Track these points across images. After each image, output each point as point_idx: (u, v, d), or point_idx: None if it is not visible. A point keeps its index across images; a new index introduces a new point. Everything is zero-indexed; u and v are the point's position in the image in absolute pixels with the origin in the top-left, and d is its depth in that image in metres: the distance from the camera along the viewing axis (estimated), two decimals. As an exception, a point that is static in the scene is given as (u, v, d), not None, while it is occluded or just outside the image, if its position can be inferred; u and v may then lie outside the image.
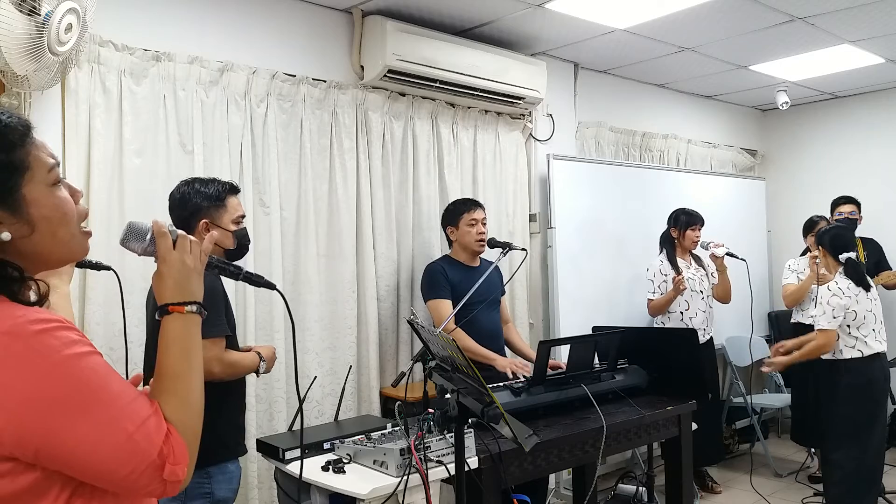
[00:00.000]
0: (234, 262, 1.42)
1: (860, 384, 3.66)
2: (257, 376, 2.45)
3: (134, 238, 1.21)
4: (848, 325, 3.64)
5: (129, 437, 0.99)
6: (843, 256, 3.70)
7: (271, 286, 1.46)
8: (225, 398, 2.31)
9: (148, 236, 1.21)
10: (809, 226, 4.84)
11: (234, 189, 2.46)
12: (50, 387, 0.95)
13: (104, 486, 1.01)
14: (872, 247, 5.18)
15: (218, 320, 2.24)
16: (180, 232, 1.22)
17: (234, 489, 2.36)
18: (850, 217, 4.99)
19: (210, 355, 2.17)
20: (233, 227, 2.41)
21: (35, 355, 0.95)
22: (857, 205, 5.10)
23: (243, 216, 2.48)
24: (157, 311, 1.17)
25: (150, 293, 2.39)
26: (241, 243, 2.46)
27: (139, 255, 1.24)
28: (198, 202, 2.36)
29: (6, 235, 1.00)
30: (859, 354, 3.65)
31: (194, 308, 1.17)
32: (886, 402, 3.76)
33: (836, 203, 5.14)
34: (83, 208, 1.13)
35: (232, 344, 2.37)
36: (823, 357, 3.72)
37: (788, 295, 4.76)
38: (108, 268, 1.79)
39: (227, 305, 2.38)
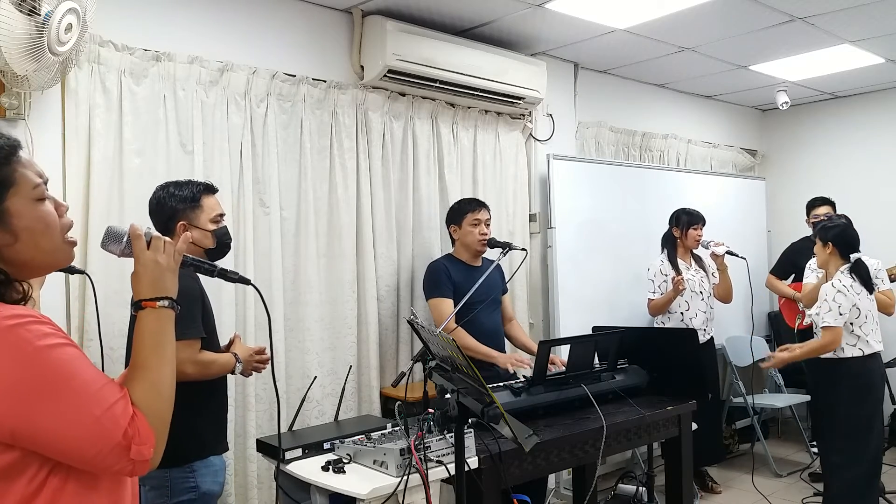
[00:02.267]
0: (210, 261, 1.47)
1: (861, 384, 3.64)
2: (234, 374, 2.45)
3: (111, 241, 1.30)
4: (851, 323, 3.61)
5: (95, 420, 1.08)
6: (853, 256, 3.68)
7: (246, 281, 1.53)
8: (206, 398, 2.34)
9: (125, 239, 1.29)
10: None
11: (209, 189, 2.47)
12: (23, 374, 1.04)
13: (77, 465, 1.10)
14: None
15: (192, 323, 2.25)
16: (155, 233, 1.29)
17: (219, 482, 2.38)
18: (825, 217, 4.94)
19: (183, 356, 2.19)
20: (211, 227, 2.42)
21: (9, 346, 1.04)
22: (833, 205, 5.04)
23: (222, 214, 2.48)
24: (132, 307, 1.26)
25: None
26: (222, 241, 2.46)
27: (118, 256, 1.32)
28: (173, 205, 2.38)
29: None
30: (860, 353, 3.62)
31: (166, 303, 1.25)
32: (882, 403, 3.75)
33: (813, 205, 5.02)
34: (68, 220, 1.22)
35: (210, 345, 2.38)
36: (823, 356, 3.68)
37: (806, 294, 4.64)
38: (81, 272, 1.87)
39: (206, 308, 2.39)
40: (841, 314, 3.57)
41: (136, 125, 3.00)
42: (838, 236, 3.72)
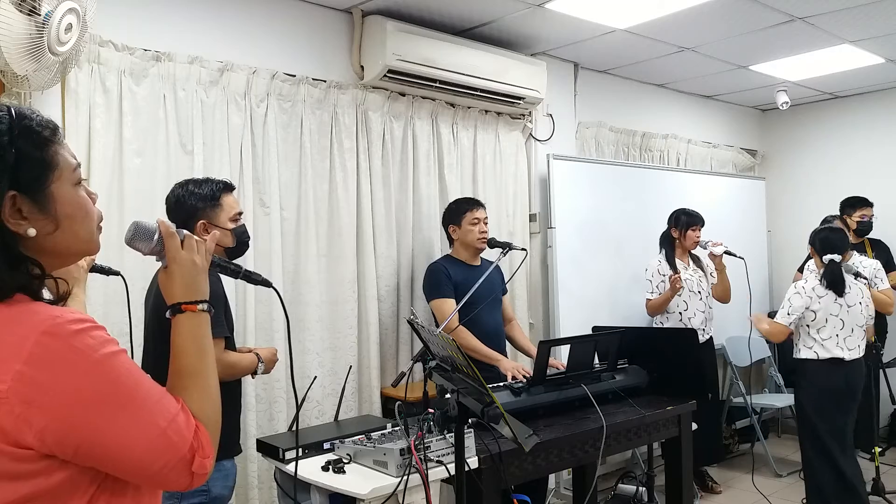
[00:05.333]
0: (234, 261, 1.45)
1: (818, 387, 3.68)
2: (253, 377, 2.44)
3: (141, 238, 1.23)
4: (807, 325, 3.70)
5: (161, 432, 1.02)
6: (826, 257, 3.71)
7: (268, 284, 1.49)
8: (223, 399, 2.32)
9: (156, 236, 1.22)
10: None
11: (228, 187, 2.46)
12: (90, 385, 0.97)
13: (137, 481, 1.04)
14: (880, 248, 5.16)
15: (218, 321, 2.24)
16: (186, 232, 1.24)
17: (229, 486, 2.37)
18: (871, 220, 4.96)
19: None
20: (231, 225, 2.41)
21: (75, 354, 0.97)
22: (871, 205, 5.07)
23: (241, 213, 2.48)
24: (168, 311, 1.19)
25: (149, 292, 2.39)
26: (241, 240, 2.46)
27: (145, 254, 1.25)
28: (193, 203, 2.37)
29: (32, 231, 1.02)
30: (814, 356, 3.68)
31: (205, 306, 1.20)
32: (852, 409, 3.71)
33: (858, 205, 5.01)
34: (98, 210, 1.16)
35: (230, 345, 2.37)
36: (794, 356, 3.82)
37: None
38: (117, 273, 1.83)
39: (227, 307, 2.38)
40: (789, 314, 3.71)
41: (136, 125, 3.00)
42: (819, 241, 3.82)
